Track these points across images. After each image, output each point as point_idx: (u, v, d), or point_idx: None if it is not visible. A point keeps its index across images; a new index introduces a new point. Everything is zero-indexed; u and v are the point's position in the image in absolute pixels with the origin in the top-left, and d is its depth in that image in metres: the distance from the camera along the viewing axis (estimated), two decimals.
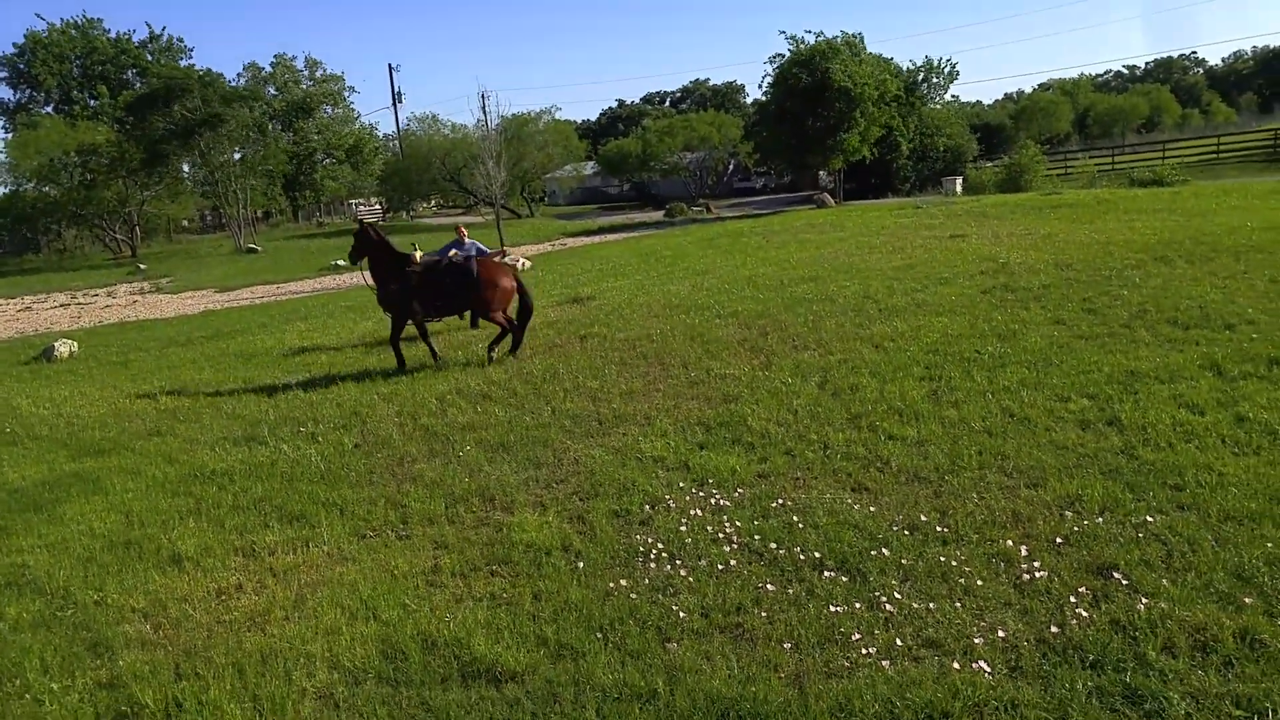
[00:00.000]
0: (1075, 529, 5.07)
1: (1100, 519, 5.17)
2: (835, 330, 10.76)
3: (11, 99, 61.86)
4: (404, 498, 6.62)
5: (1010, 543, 4.98)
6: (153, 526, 6.47)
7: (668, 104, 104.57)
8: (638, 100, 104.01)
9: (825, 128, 38.56)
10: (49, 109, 58.87)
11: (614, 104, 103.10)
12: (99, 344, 16.51)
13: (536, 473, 6.95)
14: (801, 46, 40.33)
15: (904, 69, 44.74)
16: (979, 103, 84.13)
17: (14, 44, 61.77)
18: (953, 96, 50.20)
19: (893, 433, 7.00)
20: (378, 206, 74.79)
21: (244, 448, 8.34)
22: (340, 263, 32.22)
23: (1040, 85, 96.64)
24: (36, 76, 59.73)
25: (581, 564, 5.26)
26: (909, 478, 6.12)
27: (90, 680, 4.44)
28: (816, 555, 5.09)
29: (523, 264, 22.39)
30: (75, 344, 15.76)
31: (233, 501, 6.87)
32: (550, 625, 4.59)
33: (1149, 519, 5.09)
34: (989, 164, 45.04)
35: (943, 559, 4.86)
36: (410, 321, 11.30)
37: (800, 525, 5.50)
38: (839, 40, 40.33)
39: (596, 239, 34.92)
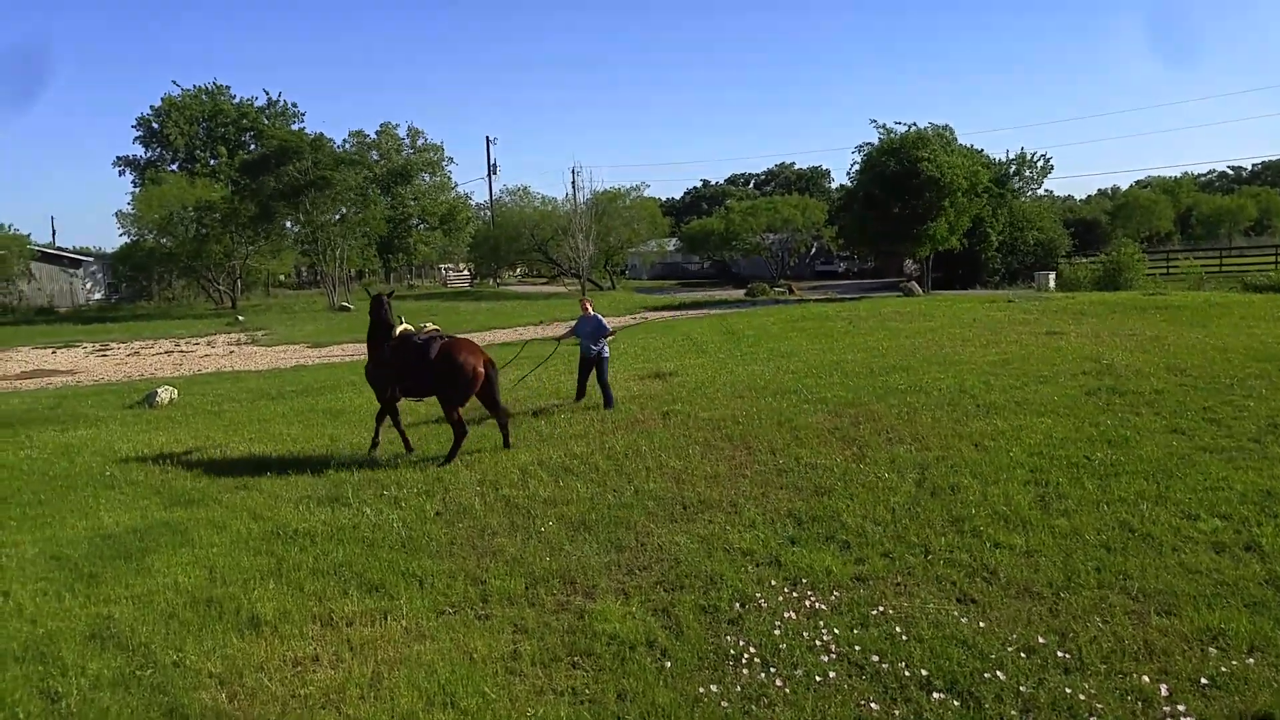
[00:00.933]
0: (1222, 669, 4.59)
1: (1250, 660, 4.67)
2: (931, 424, 10.34)
3: (143, 157, 65.92)
4: (484, 573, 6.45)
5: (1146, 679, 4.52)
6: (234, 585, 6.41)
7: (751, 185, 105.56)
8: (722, 181, 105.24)
9: (913, 215, 38.23)
10: (174, 167, 62.39)
11: (699, 183, 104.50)
12: (196, 392, 16.94)
13: (619, 556, 6.71)
14: (891, 135, 40.40)
15: (996, 161, 44.33)
16: (1071, 197, 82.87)
17: (151, 106, 65.81)
18: (1046, 191, 49.36)
19: (999, 540, 6.58)
20: (466, 272, 76.70)
21: (327, 508, 8.29)
22: (429, 325, 32.84)
23: (1138, 182, 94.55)
24: (167, 136, 63.65)
25: (668, 663, 4.97)
26: (1020, 591, 5.70)
27: None
28: (923, 673, 4.71)
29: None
30: (175, 391, 16.18)
31: (313, 564, 6.77)
32: None
33: None
34: (1084, 260, 43.92)
35: (1068, 690, 4.44)
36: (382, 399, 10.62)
37: (904, 637, 5.13)
38: (929, 131, 40.31)
39: (677, 314, 34.93)
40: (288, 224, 51.76)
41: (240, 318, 40.50)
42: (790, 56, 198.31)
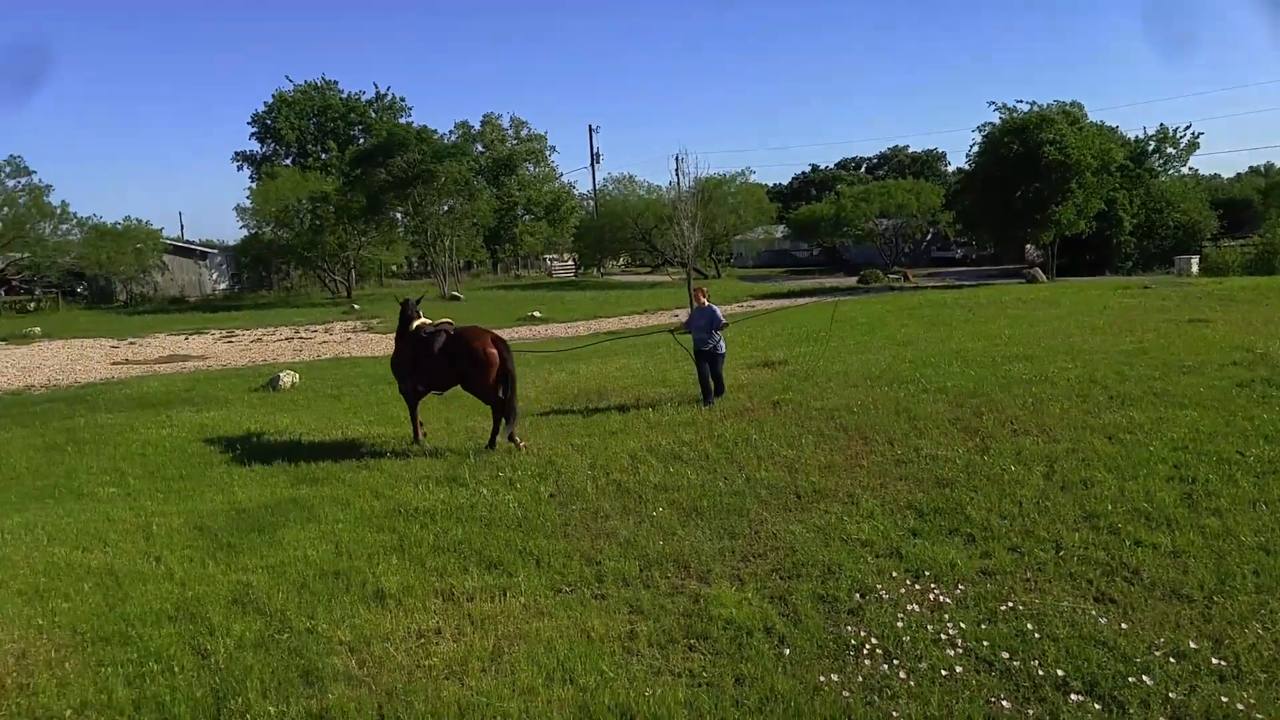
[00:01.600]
0: None
1: None
2: (1059, 416, 9.86)
3: (259, 152, 68.88)
4: (599, 554, 6.48)
5: None
6: (359, 559, 6.61)
7: (863, 169, 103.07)
8: (832, 165, 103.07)
9: (1036, 199, 36.61)
10: (288, 161, 64.98)
11: (807, 168, 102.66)
12: (317, 377, 17.60)
13: (732, 543, 6.61)
14: (1014, 115, 38.74)
15: (1132, 139, 41.83)
16: (1218, 176, 77.55)
17: (264, 103, 68.72)
18: (1190, 169, 46.13)
19: (1140, 538, 6.21)
20: (570, 262, 77.55)
21: (445, 488, 8.48)
22: (536, 314, 33.36)
23: None
24: (280, 132, 66.33)
25: (787, 650, 4.87)
26: (1166, 593, 5.35)
27: (301, 710, 4.51)
28: (1059, 673, 4.47)
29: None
30: (297, 375, 16.84)
31: (433, 541, 6.94)
32: (755, 716, 4.25)
33: None
34: (1232, 243, 41.11)
35: (1224, 699, 4.14)
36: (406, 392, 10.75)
37: (1036, 635, 4.88)
38: (1054, 109, 38.44)
39: (786, 302, 34.46)
40: (397, 215, 53.33)
41: (355, 306, 42.02)
42: (903, 35, 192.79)
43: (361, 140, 63.01)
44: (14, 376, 20.76)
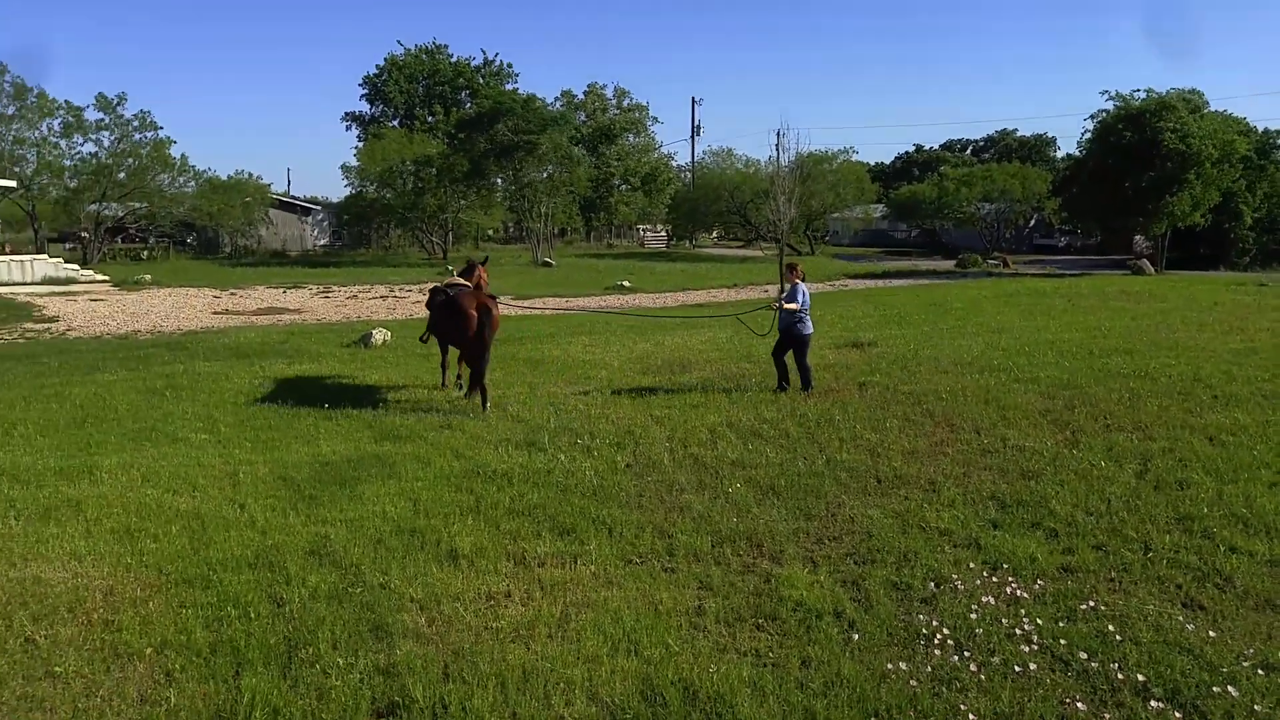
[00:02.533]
0: None
1: None
2: (1157, 413, 9.49)
3: (368, 113, 70.49)
4: (671, 527, 6.50)
5: None
6: (436, 518, 6.73)
7: (969, 152, 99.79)
8: (936, 146, 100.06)
9: (1150, 189, 34.98)
10: (395, 123, 66.31)
11: (910, 148, 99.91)
12: (408, 335, 17.91)
13: (807, 524, 6.58)
14: (1130, 102, 37.02)
15: (1260, 130, 39.54)
16: None
17: (375, 65, 70.14)
18: None
19: (1235, 544, 5.96)
20: (663, 233, 77.49)
21: (524, 452, 8.60)
22: (625, 283, 33.44)
23: None
24: (388, 94, 67.72)
25: (856, 636, 4.83)
26: (1259, 603, 5.14)
27: (370, 663, 4.59)
28: (1140, 678, 4.33)
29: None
30: (389, 333, 17.21)
31: (509, 504, 7.03)
32: (820, 699, 4.21)
33: None
34: None
35: None
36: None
37: (1117, 637, 4.74)
38: (1173, 96, 36.55)
39: (880, 283, 33.82)
40: (498, 181, 54.00)
41: (450, 268, 42.75)
42: (1015, 15, 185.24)
43: (468, 104, 63.80)
44: (123, 321, 21.72)
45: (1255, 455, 7.88)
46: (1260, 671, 4.37)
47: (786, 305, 11.21)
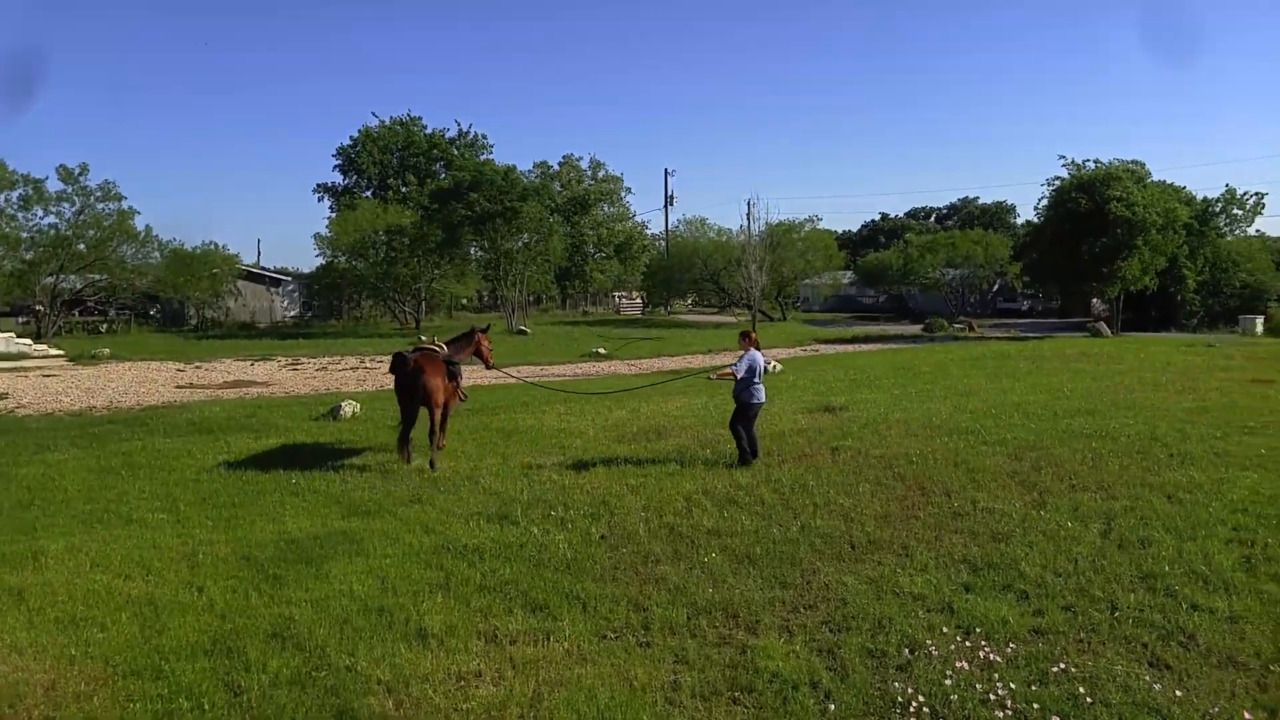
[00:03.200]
0: None
1: None
2: (1118, 472, 9.73)
3: (341, 184, 71.02)
4: (647, 600, 6.51)
5: None
6: (404, 596, 6.63)
7: (933, 219, 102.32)
8: (902, 214, 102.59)
9: (1103, 253, 36.20)
10: (368, 194, 66.80)
11: (876, 216, 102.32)
12: (378, 407, 17.82)
13: (783, 593, 6.64)
14: (1081, 171, 38.56)
15: (1199, 198, 41.26)
16: None
17: (350, 137, 70.96)
18: (1256, 230, 45.47)
19: (1197, 602, 6.12)
20: (638, 300, 78.26)
21: (496, 525, 8.55)
22: (601, 350, 33.67)
23: None
24: (362, 165, 68.35)
25: (832, 706, 4.90)
26: (1222, 661, 5.28)
27: None
28: None
29: (775, 366, 22.31)
30: (358, 405, 17.04)
31: (480, 580, 6.96)
32: None
33: None
34: None
35: None
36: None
37: (1088, 699, 4.85)
38: (1119, 167, 38.21)
39: (850, 347, 34.30)
40: (472, 250, 54.38)
41: (423, 337, 42.64)
42: (976, 90, 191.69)
43: (442, 175, 64.46)
44: (78, 397, 20.89)
45: (1211, 512, 8.11)
46: None
47: (721, 374, 11.36)
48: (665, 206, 75.15)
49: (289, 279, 64.64)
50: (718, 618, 6.19)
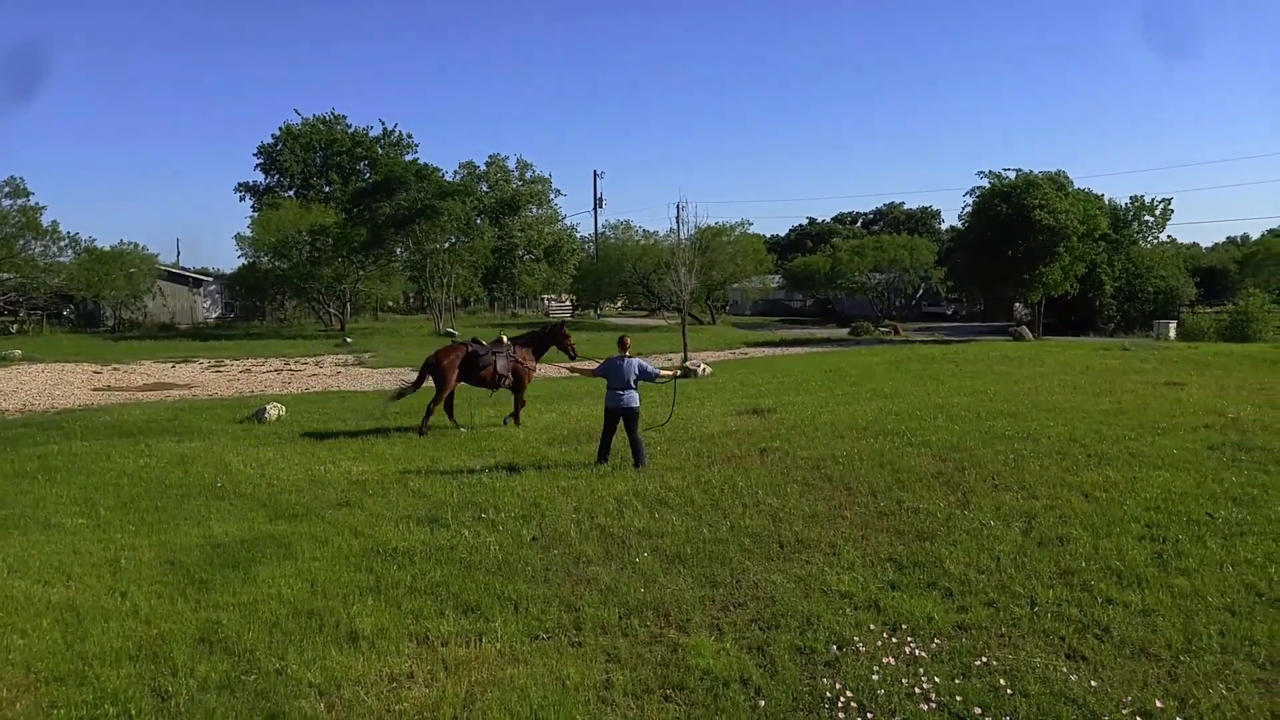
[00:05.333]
0: None
1: None
2: (1039, 473, 10.00)
3: (263, 183, 69.24)
4: (578, 600, 6.50)
5: None
6: (334, 599, 6.56)
7: (859, 224, 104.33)
8: (829, 219, 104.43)
9: (1025, 259, 37.32)
10: (291, 193, 65.28)
11: (804, 221, 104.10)
12: (304, 410, 17.52)
13: (713, 592, 6.67)
14: (1003, 179, 39.68)
15: (1115, 205, 42.85)
16: (1196, 245, 79.65)
17: (272, 135, 69.12)
18: (1168, 237, 47.48)
19: (1111, 596, 6.32)
20: (568, 303, 78.02)
21: (426, 528, 8.46)
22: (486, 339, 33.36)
23: (1270, 231, 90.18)
24: (284, 164, 66.73)
25: (762, 702, 4.92)
26: (1135, 651, 5.45)
27: None
28: None
29: (704, 370, 22.44)
30: (284, 408, 16.70)
31: (411, 583, 6.90)
32: None
33: None
34: (1208, 310, 42.02)
35: None
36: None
37: (1008, 691, 4.96)
38: (1041, 176, 39.43)
39: (778, 351, 34.69)
40: (398, 250, 53.60)
41: (348, 339, 41.90)
42: (903, 97, 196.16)
43: (367, 175, 63.40)
44: None
45: (1125, 510, 8.38)
46: (1138, 718, 4.63)
47: (573, 368, 12.88)
48: (594, 209, 75.30)
49: (211, 279, 63.03)
50: (649, 617, 6.20)
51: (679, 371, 13.66)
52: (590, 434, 13.40)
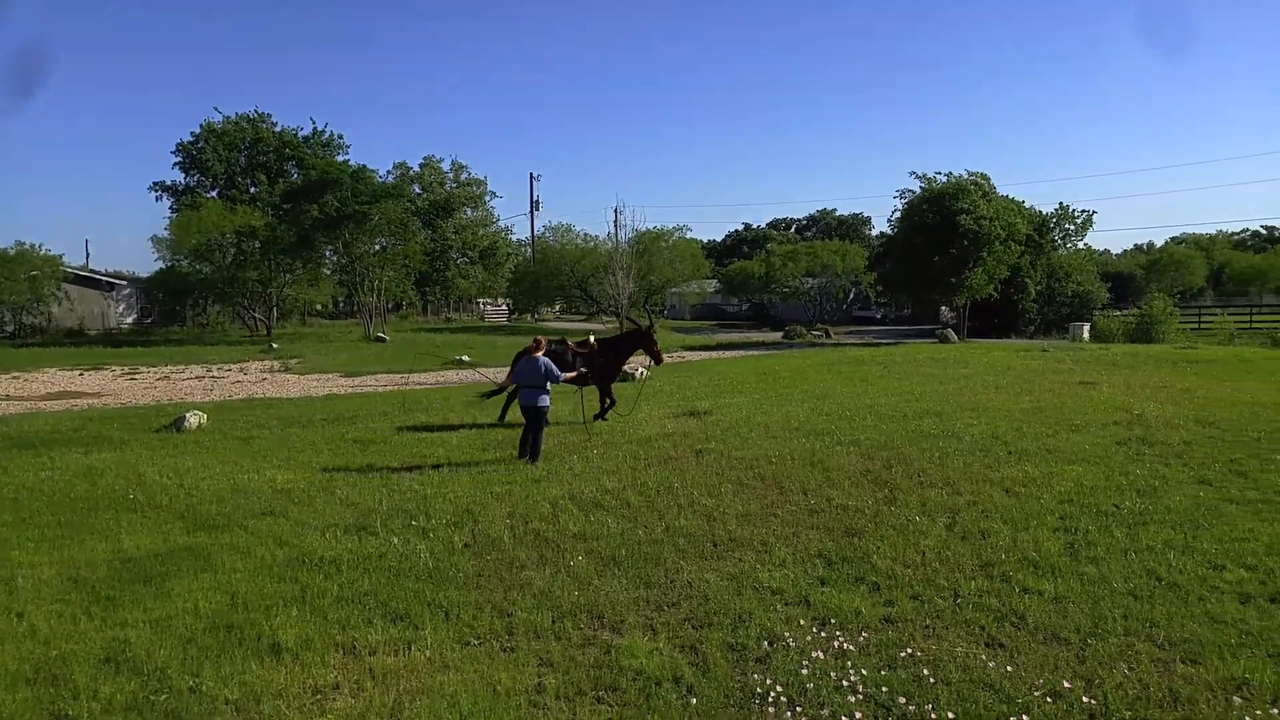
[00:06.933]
0: (1245, 718, 4.59)
1: (1275, 710, 4.70)
2: (963, 469, 10.36)
3: (182, 182, 66.17)
4: (511, 606, 6.51)
5: None
6: (256, 611, 6.42)
7: (793, 230, 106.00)
8: (763, 225, 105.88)
9: (951, 264, 38.33)
10: (213, 193, 62.77)
11: (740, 226, 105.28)
12: (226, 418, 16.96)
13: (648, 593, 6.77)
14: (931, 185, 40.67)
15: (1036, 212, 44.29)
16: (1107, 251, 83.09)
17: (191, 132, 66.03)
18: (1084, 244, 49.20)
19: (1028, 586, 6.62)
20: (504, 307, 77.48)
21: (354, 536, 8.33)
22: (465, 357, 33.16)
23: (1173, 238, 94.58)
24: (206, 163, 63.53)
25: (694, 700, 5.04)
26: (1047, 637, 5.72)
27: None
28: (950, 716, 4.76)
29: (641, 373, 22.56)
30: (205, 416, 16.11)
31: (338, 592, 6.80)
32: None
33: None
34: (1118, 313, 43.71)
35: None
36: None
37: (931, 680, 5.17)
38: (967, 180, 40.50)
39: (715, 354, 35.03)
40: (327, 253, 52.48)
41: (274, 345, 40.77)
42: (835, 106, 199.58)
43: (295, 175, 61.41)
44: None
45: (1042, 504, 8.77)
46: (1049, 699, 4.88)
47: (566, 378, 12.44)
48: (531, 211, 74.69)
49: (125, 283, 60.03)
50: (583, 620, 6.25)
51: (585, 372, 14.00)
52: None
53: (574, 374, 13.37)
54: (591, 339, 15.32)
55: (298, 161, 63.65)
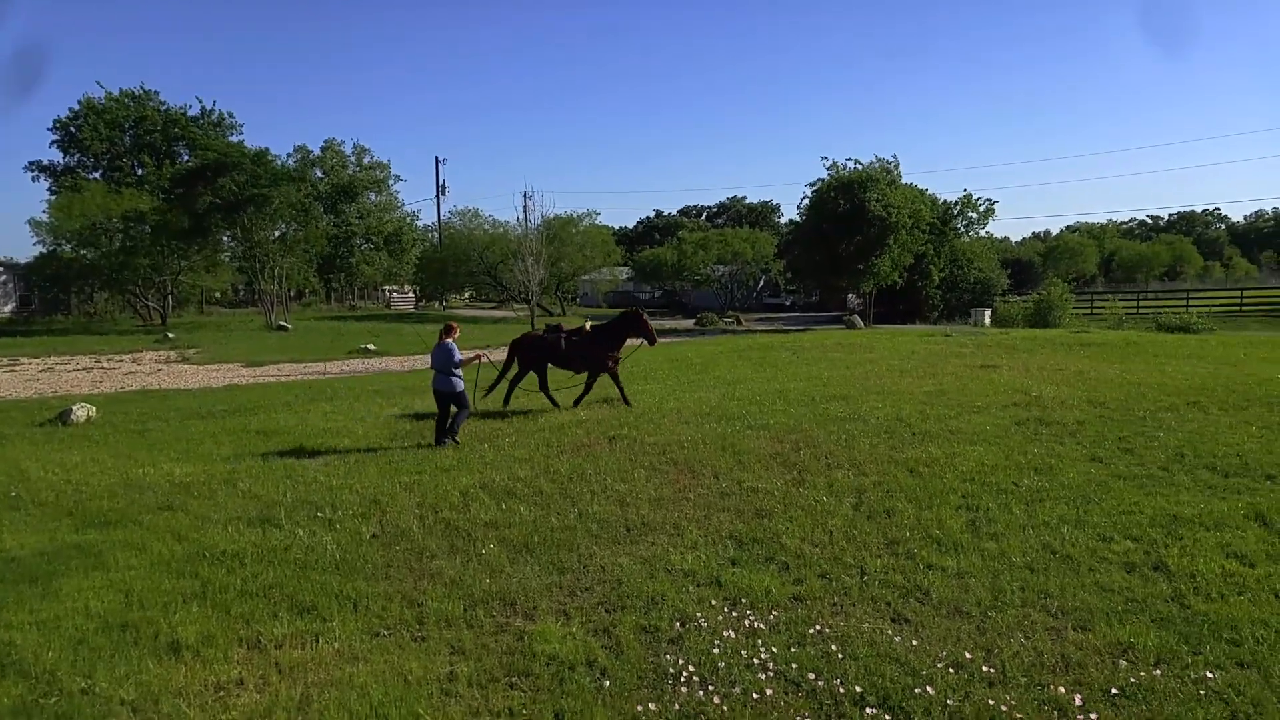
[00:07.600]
0: (1131, 680, 4.85)
1: (1157, 671, 4.94)
2: (869, 451, 10.61)
3: (61, 163, 62.31)
4: (421, 595, 6.41)
5: (1062, 690, 4.77)
6: (153, 609, 6.19)
7: (704, 218, 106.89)
8: (674, 212, 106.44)
9: (858, 251, 39.21)
10: (96, 175, 59.26)
11: (651, 214, 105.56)
12: (118, 411, 16.28)
13: (560, 578, 6.73)
14: (841, 172, 41.46)
15: (940, 201, 45.57)
16: (1007, 239, 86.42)
17: (70, 109, 61.77)
18: (986, 232, 50.96)
19: (932, 562, 6.80)
20: (411, 294, 76.08)
21: (257, 529, 8.11)
22: (371, 346, 32.45)
23: (1068, 227, 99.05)
24: (86, 142, 59.44)
25: (608, 682, 5.03)
26: (950, 611, 5.90)
27: None
28: (857, 689, 4.85)
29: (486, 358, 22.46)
30: (94, 409, 15.46)
31: (241, 586, 6.61)
32: None
33: (1208, 675, 4.87)
34: (1017, 298, 45.48)
35: (990, 702, 4.64)
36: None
37: (839, 655, 5.27)
38: (876, 167, 41.42)
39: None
40: (224, 239, 50.60)
41: (170, 335, 39.18)
42: (744, 91, 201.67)
43: (185, 157, 58.51)
44: None
45: (945, 483, 9.04)
46: (951, 670, 5.04)
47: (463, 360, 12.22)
48: (437, 196, 73.49)
49: (1, 269, 56.90)
50: (495, 607, 6.19)
51: (480, 355, 14.11)
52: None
53: (472, 357, 13.33)
54: (587, 325, 15.48)
55: (188, 142, 60.47)
